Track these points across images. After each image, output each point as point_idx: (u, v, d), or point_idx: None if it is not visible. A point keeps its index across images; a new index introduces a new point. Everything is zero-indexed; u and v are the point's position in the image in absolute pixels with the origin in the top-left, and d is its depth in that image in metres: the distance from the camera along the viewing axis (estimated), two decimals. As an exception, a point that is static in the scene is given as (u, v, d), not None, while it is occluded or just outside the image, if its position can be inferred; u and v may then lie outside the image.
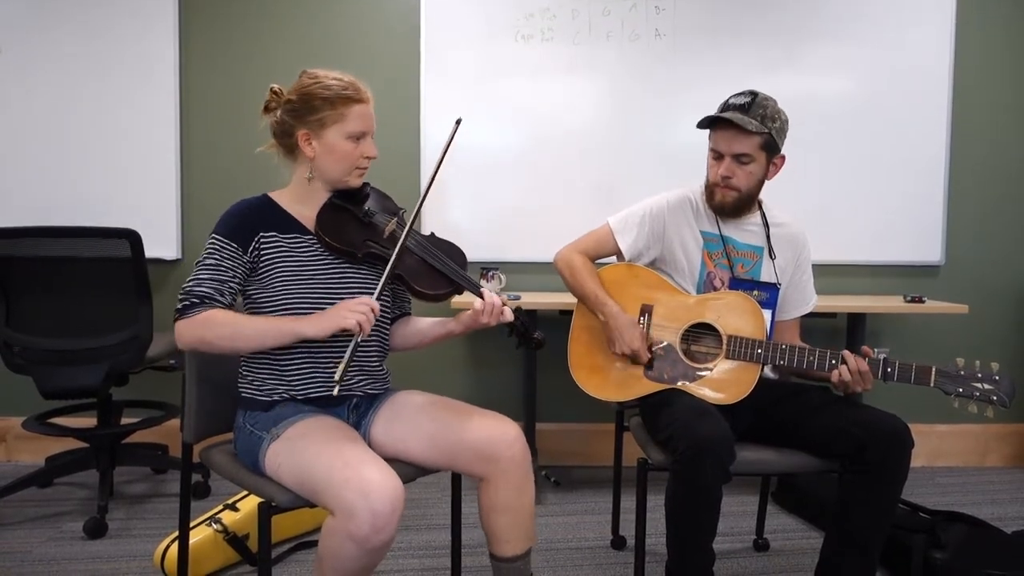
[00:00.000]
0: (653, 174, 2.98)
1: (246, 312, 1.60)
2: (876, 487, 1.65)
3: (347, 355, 1.42)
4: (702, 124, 1.89)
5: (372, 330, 1.63)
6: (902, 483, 1.66)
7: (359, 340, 1.44)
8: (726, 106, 1.89)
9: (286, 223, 1.59)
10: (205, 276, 1.50)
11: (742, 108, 1.84)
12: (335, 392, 1.46)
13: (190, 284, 1.50)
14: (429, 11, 2.97)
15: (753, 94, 1.86)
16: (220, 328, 1.47)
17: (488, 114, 3.02)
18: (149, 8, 2.95)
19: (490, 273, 2.83)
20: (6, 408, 3.03)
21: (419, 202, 1.60)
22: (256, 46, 3.01)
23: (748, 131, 1.81)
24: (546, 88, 3.00)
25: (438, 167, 1.57)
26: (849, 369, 1.71)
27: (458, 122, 1.59)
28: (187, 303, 1.48)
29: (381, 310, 1.66)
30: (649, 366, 1.87)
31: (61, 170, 2.96)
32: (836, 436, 1.69)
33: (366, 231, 1.60)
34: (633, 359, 1.87)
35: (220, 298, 1.50)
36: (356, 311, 1.43)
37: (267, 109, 1.62)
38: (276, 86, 1.62)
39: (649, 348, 1.87)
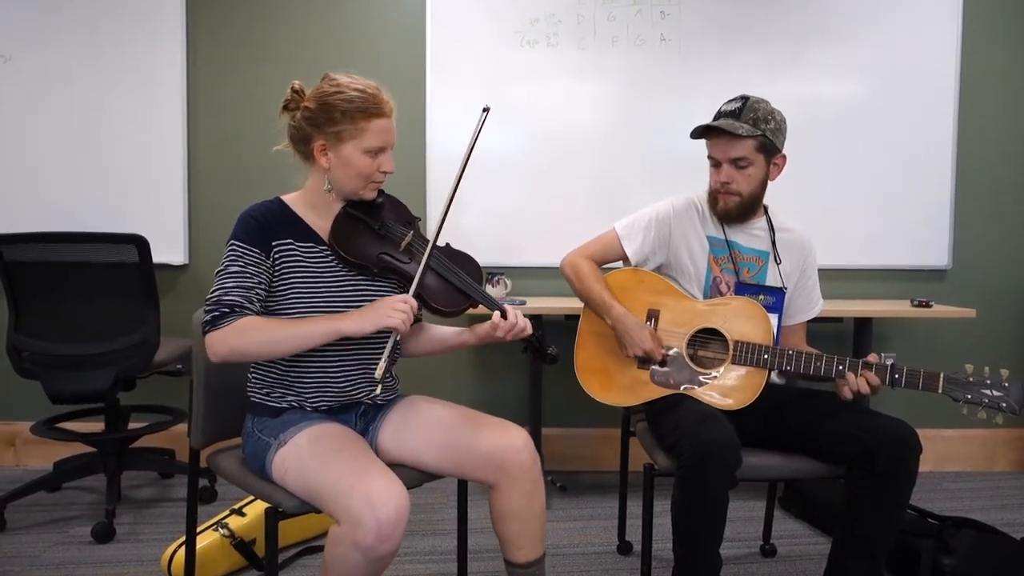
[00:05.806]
0: (660, 178, 2.98)
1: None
2: (884, 492, 1.64)
3: (386, 353, 1.39)
4: (695, 134, 1.89)
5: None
6: (910, 488, 1.66)
7: (397, 339, 1.41)
8: (718, 114, 1.89)
9: (302, 231, 1.55)
10: (231, 284, 1.43)
11: (733, 114, 1.85)
12: (377, 391, 1.49)
13: (217, 294, 1.42)
14: (435, 17, 2.98)
15: (744, 98, 1.86)
16: (253, 334, 1.40)
17: (494, 119, 2.97)
18: (156, 14, 2.96)
19: (495, 278, 2.82)
20: (15, 412, 3.04)
21: (445, 209, 1.53)
22: (263, 53, 3.02)
23: (741, 136, 1.81)
24: (552, 93, 3.00)
25: (467, 159, 1.52)
26: (850, 389, 1.72)
27: (486, 110, 1.52)
28: (216, 313, 1.40)
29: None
30: (663, 364, 1.86)
31: (69, 176, 2.98)
32: (843, 441, 1.68)
33: (382, 243, 1.57)
34: (647, 360, 1.87)
35: (250, 306, 1.43)
36: (399, 309, 1.39)
37: (286, 108, 1.55)
38: (297, 83, 1.54)
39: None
